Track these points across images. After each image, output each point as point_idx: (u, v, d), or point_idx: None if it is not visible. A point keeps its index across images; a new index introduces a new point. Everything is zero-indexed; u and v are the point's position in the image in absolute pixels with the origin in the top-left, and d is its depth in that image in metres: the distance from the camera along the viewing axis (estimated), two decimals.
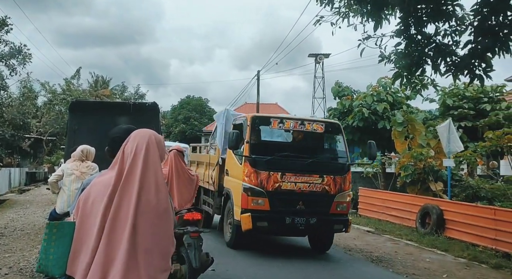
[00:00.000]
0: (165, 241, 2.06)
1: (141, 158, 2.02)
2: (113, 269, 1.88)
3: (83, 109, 9.06)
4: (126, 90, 47.94)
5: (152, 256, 1.96)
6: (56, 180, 6.11)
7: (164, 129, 44.62)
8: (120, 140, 2.16)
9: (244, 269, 6.68)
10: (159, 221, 2.02)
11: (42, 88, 34.17)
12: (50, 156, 34.13)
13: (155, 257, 1.98)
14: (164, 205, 2.06)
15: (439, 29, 6.10)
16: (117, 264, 1.88)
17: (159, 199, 2.04)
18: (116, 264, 1.89)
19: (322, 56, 34.20)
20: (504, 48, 5.50)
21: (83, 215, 2.01)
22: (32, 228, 9.84)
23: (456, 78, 6.13)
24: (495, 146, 11.25)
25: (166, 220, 2.08)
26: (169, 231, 2.10)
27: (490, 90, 16.28)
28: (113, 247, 1.91)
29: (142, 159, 2.02)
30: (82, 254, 1.96)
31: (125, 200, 1.96)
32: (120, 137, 2.23)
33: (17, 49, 17.82)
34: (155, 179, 2.04)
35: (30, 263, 6.57)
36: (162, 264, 2.01)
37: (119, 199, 1.96)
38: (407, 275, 6.95)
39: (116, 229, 1.93)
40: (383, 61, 6.49)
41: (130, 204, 1.95)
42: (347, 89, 18.44)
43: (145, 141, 2.07)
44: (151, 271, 1.95)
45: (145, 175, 2.00)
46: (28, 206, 14.69)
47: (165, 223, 2.06)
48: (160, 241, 2.02)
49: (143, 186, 1.98)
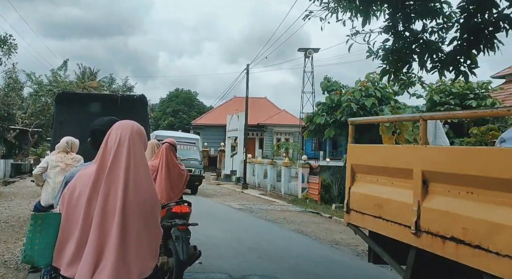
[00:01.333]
0: (154, 228, 2.08)
1: (125, 148, 2.02)
2: (104, 259, 1.89)
3: (69, 100, 8.97)
4: (114, 82, 47.47)
5: (141, 246, 1.98)
6: (40, 173, 6.05)
7: (153, 121, 44.37)
8: (101, 132, 2.17)
9: (228, 261, 6.72)
10: (147, 210, 2.03)
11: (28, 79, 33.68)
12: (36, 148, 33.76)
13: (144, 247, 2.00)
14: (151, 193, 2.08)
15: (426, 26, 6.16)
16: (108, 255, 1.89)
17: (146, 187, 2.06)
18: (107, 255, 1.89)
19: (311, 50, 34.21)
20: (488, 46, 5.58)
21: (69, 207, 2.01)
22: (17, 220, 9.75)
23: (442, 74, 6.20)
24: (480, 142, 11.42)
25: (154, 208, 2.09)
26: (157, 218, 2.12)
27: (476, 87, 16.49)
28: (103, 238, 1.91)
29: (126, 150, 2.02)
30: (68, 246, 1.96)
31: (112, 191, 1.96)
32: (101, 129, 2.24)
33: (2, 39, 17.54)
34: (140, 169, 2.04)
35: (15, 255, 6.53)
36: (150, 254, 2.03)
37: (106, 190, 1.96)
38: (391, 269, 7.05)
39: (105, 220, 1.93)
40: (371, 56, 6.53)
41: (117, 195, 1.95)
42: (336, 84, 18.51)
43: (128, 131, 2.07)
44: (140, 261, 1.97)
45: (130, 165, 2.01)
46: (13, 198, 14.54)
47: (153, 211, 2.08)
48: (150, 229, 2.04)
49: (129, 177, 1.99)
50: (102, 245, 1.90)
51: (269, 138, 36.81)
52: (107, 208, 1.94)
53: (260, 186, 22.94)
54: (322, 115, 17.13)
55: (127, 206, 1.95)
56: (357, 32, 6.45)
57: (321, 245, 8.76)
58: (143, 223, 2.00)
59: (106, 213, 1.93)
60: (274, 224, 11.25)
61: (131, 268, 1.94)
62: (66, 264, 1.93)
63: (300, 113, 32.98)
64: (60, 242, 1.99)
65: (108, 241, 1.91)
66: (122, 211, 1.93)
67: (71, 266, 1.92)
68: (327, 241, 9.17)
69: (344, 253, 8.12)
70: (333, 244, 8.90)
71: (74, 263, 1.92)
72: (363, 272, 6.73)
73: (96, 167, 2.01)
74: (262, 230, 10.14)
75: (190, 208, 5.31)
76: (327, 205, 15.21)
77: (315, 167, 17.89)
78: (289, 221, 11.75)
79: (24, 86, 32.55)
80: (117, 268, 1.88)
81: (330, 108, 17.20)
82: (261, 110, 37.77)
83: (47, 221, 2.02)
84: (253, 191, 21.89)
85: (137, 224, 1.98)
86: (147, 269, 2.01)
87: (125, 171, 1.99)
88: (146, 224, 2.02)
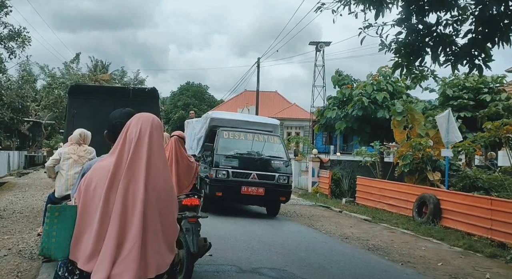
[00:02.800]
0: (171, 225, 2.08)
1: (145, 142, 2.01)
2: (123, 254, 1.89)
3: (82, 93, 9.06)
4: (125, 75, 47.83)
5: (158, 242, 1.98)
6: (53, 165, 6.13)
7: (163, 115, 44.59)
8: (122, 125, 2.13)
9: (238, 254, 6.75)
10: (165, 205, 2.03)
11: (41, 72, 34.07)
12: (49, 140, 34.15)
13: (161, 243, 2.00)
14: (170, 189, 2.08)
15: (440, 19, 6.06)
16: (127, 250, 1.89)
17: (165, 183, 2.05)
18: (126, 250, 1.89)
19: (323, 44, 34.02)
20: (504, 38, 5.48)
21: (86, 200, 2.00)
22: (31, 211, 9.90)
23: (455, 68, 6.11)
24: (494, 136, 11.28)
25: (172, 205, 2.09)
26: (174, 215, 2.12)
27: (490, 81, 16.27)
28: (123, 232, 1.91)
29: (147, 143, 2.01)
30: (85, 240, 1.95)
31: (132, 186, 1.95)
32: (122, 122, 2.19)
33: (17, 32, 17.72)
34: (160, 163, 2.03)
35: (29, 245, 6.64)
36: (167, 250, 2.04)
37: (126, 183, 1.94)
38: (402, 263, 7.03)
39: (125, 215, 1.92)
40: (383, 50, 6.45)
41: (137, 190, 1.94)
42: (347, 77, 18.37)
43: (149, 124, 2.05)
44: (157, 256, 1.97)
45: (151, 159, 1.99)
46: (27, 189, 14.76)
47: (170, 208, 2.08)
48: (167, 225, 2.04)
49: (150, 171, 1.98)
50: (122, 240, 1.90)
51: (280, 132, 36.76)
52: (127, 203, 1.93)
53: None
54: (333, 109, 17.04)
55: (147, 202, 1.94)
56: (369, 25, 6.36)
57: (331, 239, 8.75)
58: (160, 219, 2.00)
59: (126, 208, 1.92)
60: (284, 217, 11.26)
61: (149, 264, 1.94)
62: (84, 258, 1.92)
63: (311, 107, 32.90)
64: (76, 235, 1.97)
65: (127, 236, 1.90)
66: (143, 207, 1.92)
67: (89, 260, 1.91)
68: (337, 235, 9.16)
69: (354, 247, 8.11)
70: (343, 238, 8.88)
71: (93, 258, 1.90)
72: (374, 266, 6.72)
73: (115, 160, 1.99)
74: (271, 223, 10.15)
75: (200, 201, 5.35)
76: (337, 199, 15.18)
77: (325, 161, 17.83)
78: (299, 215, 11.76)
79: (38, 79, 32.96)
80: (137, 263, 1.88)
81: (341, 102, 17.10)
82: (272, 104, 37.76)
83: (64, 214, 2.00)
84: None
85: (155, 220, 1.98)
86: (164, 265, 2.01)
87: (146, 166, 1.97)
88: (164, 220, 2.02)
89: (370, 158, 15.54)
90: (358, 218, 11.65)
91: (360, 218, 11.67)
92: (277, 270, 6.02)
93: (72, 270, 2.02)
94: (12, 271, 5.35)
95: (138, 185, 1.95)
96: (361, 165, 15.96)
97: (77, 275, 1.99)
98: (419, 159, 12.33)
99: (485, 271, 6.74)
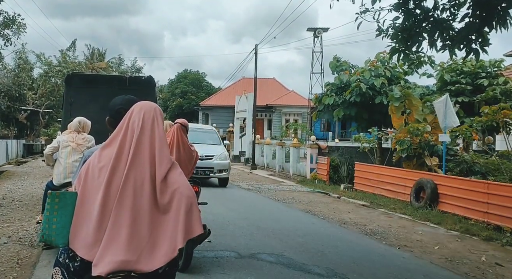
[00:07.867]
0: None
1: (148, 131, 2.02)
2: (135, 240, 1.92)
3: (79, 82, 9.02)
4: (122, 63, 47.55)
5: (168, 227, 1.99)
6: (51, 153, 6.14)
7: (161, 103, 44.46)
8: (125, 111, 2.13)
9: (237, 240, 6.81)
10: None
11: (38, 60, 33.82)
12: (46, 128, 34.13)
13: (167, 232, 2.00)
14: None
15: (437, 3, 6.03)
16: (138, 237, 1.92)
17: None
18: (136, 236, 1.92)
19: (320, 30, 33.77)
20: (501, 22, 5.46)
21: (86, 188, 2.00)
22: (30, 199, 9.95)
23: (452, 53, 6.09)
24: (491, 121, 11.31)
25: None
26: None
27: (488, 65, 16.24)
28: (135, 220, 1.93)
29: (150, 132, 2.02)
30: (84, 229, 1.95)
31: (138, 173, 1.96)
32: (125, 108, 2.19)
33: (11, 19, 17.54)
34: (164, 151, 2.04)
35: (29, 232, 6.68)
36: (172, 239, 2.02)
37: (132, 172, 1.95)
38: (399, 247, 7.11)
39: (134, 203, 1.94)
40: (380, 35, 6.43)
41: (144, 178, 1.96)
42: (345, 64, 18.32)
43: (151, 114, 2.07)
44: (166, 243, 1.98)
45: (155, 147, 2.01)
46: (26, 177, 14.81)
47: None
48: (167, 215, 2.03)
49: (154, 159, 1.99)
50: (134, 228, 1.92)
51: (278, 119, 36.74)
52: (136, 192, 1.94)
53: (268, 166, 23.02)
54: (331, 96, 17.03)
55: (156, 190, 1.96)
56: (366, 10, 6.33)
57: (329, 224, 8.83)
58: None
59: (135, 197, 1.94)
60: (282, 203, 11.34)
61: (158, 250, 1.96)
62: (85, 247, 1.92)
63: (309, 93, 32.83)
64: (75, 224, 1.97)
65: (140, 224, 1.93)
66: (153, 195, 1.95)
67: (91, 249, 1.91)
68: (335, 220, 9.24)
69: (352, 232, 8.18)
70: (341, 223, 8.96)
71: (94, 246, 1.91)
72: (371, 250, 6.79)
73: (117, 148, 2.00)
74: (270, 210, 10.23)
75: (200, 188, 5.37)
76: (335, 185, 15.25)
77: (324, 147, 17.87)
78: (297, 201, 11.83)
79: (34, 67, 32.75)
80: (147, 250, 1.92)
81: (339, 88, 17.08)
82: (270, 91, 37.61)
83: (64, 200, 1.99)
84: (262, 171, 21.98)
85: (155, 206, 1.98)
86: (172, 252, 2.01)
87: (150, 155, 1.98)
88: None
89: (368, 144, 15.59)
90: (356, 204, 11.73)
91: (358, 203, 11.76)
92: (275, 255, 6.08)
93: (73, 256, 2.03)
94: (12, 258, 5.40)
95: (144, 173, 1.96)
96: (359, 151, 16.02)
97: (78, 261, 2.00)
98: (417, 144, 12.38)
99: (481, 253, 6.82)
